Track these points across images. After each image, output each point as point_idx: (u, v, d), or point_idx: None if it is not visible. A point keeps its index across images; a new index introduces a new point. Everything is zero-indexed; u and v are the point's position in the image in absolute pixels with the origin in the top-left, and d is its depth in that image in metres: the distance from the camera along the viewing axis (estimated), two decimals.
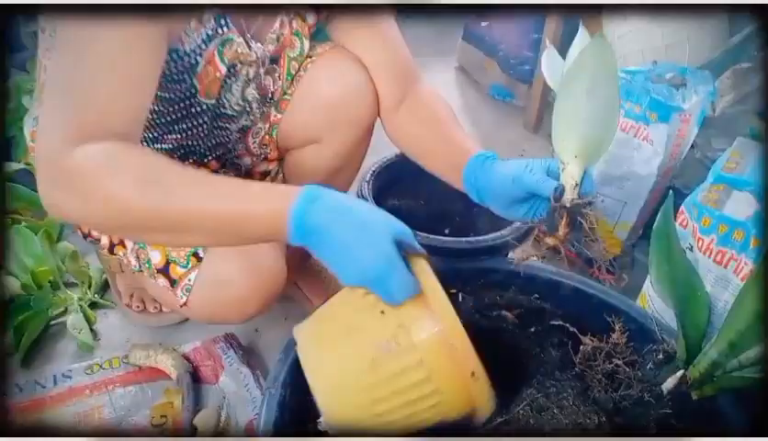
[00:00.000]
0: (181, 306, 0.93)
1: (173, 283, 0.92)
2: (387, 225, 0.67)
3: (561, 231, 0.78)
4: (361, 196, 1.17)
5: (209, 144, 0.96)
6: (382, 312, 0.67)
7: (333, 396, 0.69)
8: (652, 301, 0.97)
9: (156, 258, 0.92)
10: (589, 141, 0.78)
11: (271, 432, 0.76)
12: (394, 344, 0.66)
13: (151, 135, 0.89)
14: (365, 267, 0.65)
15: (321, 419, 0.69)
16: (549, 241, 0.80)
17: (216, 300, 0.91)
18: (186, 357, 1.11)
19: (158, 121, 0.87)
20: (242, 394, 1.06)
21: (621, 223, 1.24)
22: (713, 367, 0.77)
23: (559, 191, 0.77)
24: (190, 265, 0.90)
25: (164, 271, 0.92)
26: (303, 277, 1.24)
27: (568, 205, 0.77)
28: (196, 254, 0.91)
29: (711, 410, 0.81)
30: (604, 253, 0.83)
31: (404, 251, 0.67)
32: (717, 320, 0.87)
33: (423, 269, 0.68)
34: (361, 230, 0.65)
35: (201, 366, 1.10)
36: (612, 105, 0.78)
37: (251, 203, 0.66)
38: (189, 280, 0.90)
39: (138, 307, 1.20)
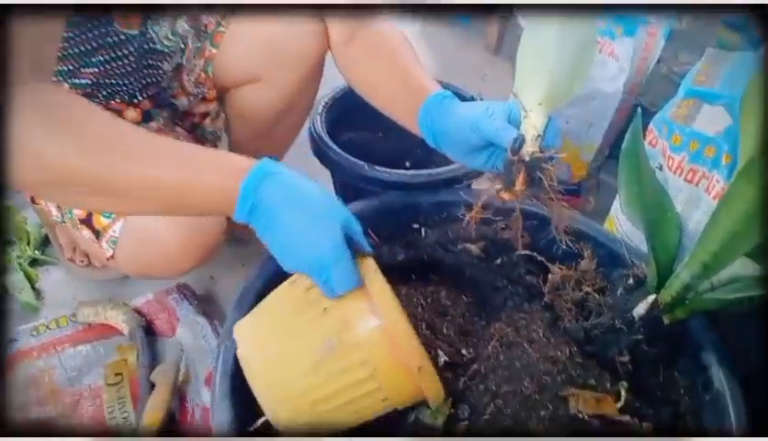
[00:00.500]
0: (108, 259, 0.85)
1: (97, 235, 0.84)
2: (338, 213, 0.62)
3: (518, 187, 0.72)
4: (314, 131, 1.10)
5: (140, 84, 0.87)
6: (325, 310, 0.63)
7: (275, 397, 0.65)
8: (621, 224, 0.94)
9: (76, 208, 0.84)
10: (556, 87, 0.71)
11: (228, 386, 0.72)
12: (337, 341, 0.62)
13: (66, 68, 0.80)
14: (309, 255, 0.60)
15: (258, 421, 0.67)
16: (505, 196, 0.74)
17: (144, 254, 0.85)
18: (138, 311, 1.05)
19: (71, 51, 0.77)
20: (200, 345, 1.01)
21: (587, 145, 1.20)
22: (685, 290, 0.75)
23: (519, 143, 0.70)
24: (114, 216, 0.83)
25: (88, 222, 0.84)
26: None
27: (527, 158, 0.70)
28: None
29: (682, 334, 0.79)
30: (565, 216, 0.78)
31: (354, 248, 0.63)
32: (687, 241, 0.84)
33: (370, 266, 0.64)
34: (311, 214, 0.60)
35: (155, 319, 1.05)
36: (587, 47, 0.71)
37: (198, 174, 0.59)
38: (114, 232, 0.83)
39: (82, 261, 1.13)
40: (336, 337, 0.62)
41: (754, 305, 0.72)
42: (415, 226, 0.90)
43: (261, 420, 0.69)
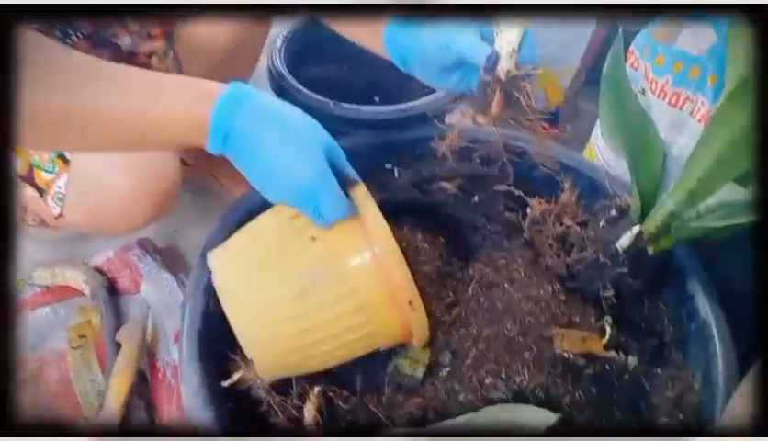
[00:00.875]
0: (56, 218, 0.79)
1: (41, 192, 0.77)
2: (320, 136, 0.58)
3: (495, 109, 0.67)
4: (273, 68, 1.02)
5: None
6: (312, 238, 0.59)
7: (256, 329, 0.61)
8: (601, 153, 0.90)
9: (17, 165, 0.77)
10: None
11: (196, 347, 0.68)
12: (325, 270, 0.58)
13: None
14: (294, 183, 0.56)
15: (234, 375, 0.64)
16: (481, 120, 0.69)
17: (95, 209, 0.79)
18: (99, 270, 0.99)
19: None
20: (166, 301, 0.97)
21: (563, 70, 1.15)
22: (670, 219, 0.71)
23: (493, 60, 0.64)
24: (57, 170, 0.76)
25: (29, 179, 0.77)
26: (219, 166, 1.11)
27: (502, 77, 0.65)
28: (62, 157, 0.76)
29: (667, 264, 0.77)
30: (545, 143, 0.73)
31: (339, 175, 0.59)
32: (671, 168, 0.80)
33: (361, 192, 0.60)
34: (291, 139, 0.56)
35: (118, 277, 0.99)
36: None
37: (163, 103, 0.54)
38: (59, 187, 0.76)
39: (33, 220, 1.06)
40: (325, 266, 0.58)
41: (741, 232, 0.70)
42: (388, 166, 0.85)
43: (236, 375, 0.65)
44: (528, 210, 0.81)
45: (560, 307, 0.68)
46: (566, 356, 0.64)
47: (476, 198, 0.82)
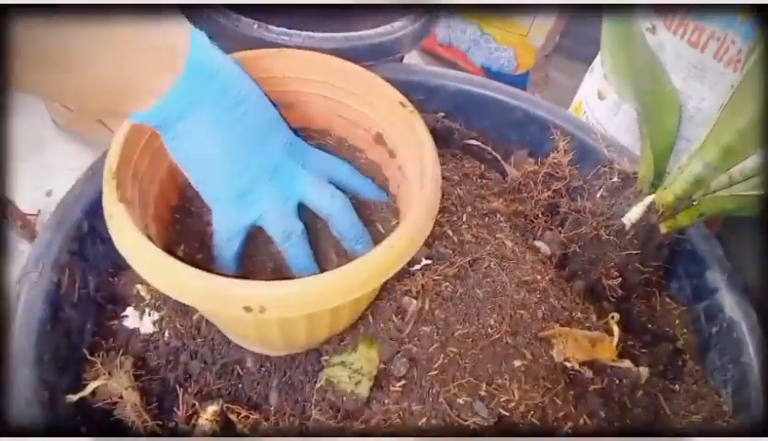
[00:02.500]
0: None
1: None
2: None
3: None
4: None
5: None
6: None
7: None
8: (591, 110, 0.73)
9: None
10: None
11: (32, 341, 0.46)
12: None
13: None
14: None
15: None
16: None
17: None
18: None
19: None
20: None
21: (536, 26, 0.98)
22: (694, 187, 0.55)
23: None
24: None
25: None
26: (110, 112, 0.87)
27: None
28: None
29: (681, 248, 0.60)
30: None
31: None
32: (686, 127, 0.64)
33: None
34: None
35: None
36: None
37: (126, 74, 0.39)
38: None
39: None
40: None
41: None
42: None
43: (93, 384, 0.45)
44: (507, 177, 0.63)
45: (560, 298, 0.49)
46: (568, 365, 0.46)
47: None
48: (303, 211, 0.48)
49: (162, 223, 0.47)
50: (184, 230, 0.49)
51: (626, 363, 0.49)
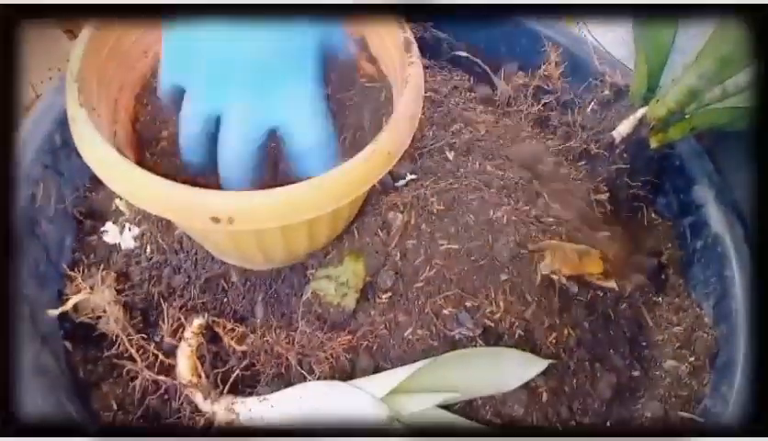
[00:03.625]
0: None
1: None
2: None
3: None
4: None
5: None
6: None
7: None
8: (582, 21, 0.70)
9: None
10: None
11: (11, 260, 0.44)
12: None
13: None
14: None
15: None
16: None
17: None
18: None
19: None
20: None
21: None
22: (688, 98, 0.53)
23: None
24: None
25: None
26: None
27: None
28: None
29: (668, 162, 0.60)
30: None
31: None
32: (681, 38, 0.62)
33: None
34: None
35: None
36: None
37: None
38: None
39: None
40: None
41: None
42: None
43: (75, 299, 0.45)
44: (497, 83, 0.61)
45: (548, 211, 0.49)
46: (555, 278, 0.46)
47: (427, 66, 0.61)
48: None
49: (130, 130, 0.45)
50: (153, 137, 0.47)
51: (612, 282, 0.49)
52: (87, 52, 0.40)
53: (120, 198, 0.51)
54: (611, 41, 0.68)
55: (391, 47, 0.44)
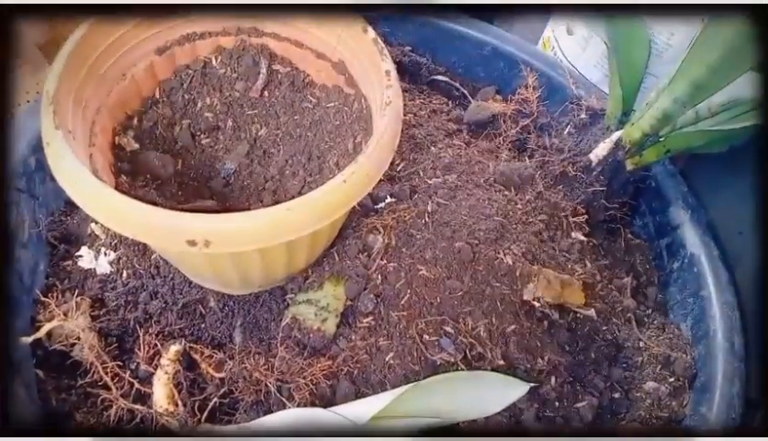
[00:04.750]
0: None
1: None
2: None
3: None
4: None
5: None
6: None
7: None
8: (560, 47, 0.72)
9: None
10: None
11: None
12: None
13: None
14: None
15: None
16: None
17: None
18: None
19: None
20: None
21: None
22: (662, 122, 0.54)
23: None
24: None
25: None
26: None
27: None
28: None
29: (644, 184, 0.60)
30: None
31: None
32: (654, 64, 0.63)
33: None
34: None
35: None
36: None
37: None
38: None
39: None
40: None
41: (746, 142, 0.54)
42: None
43: (48, 326, 0.44)
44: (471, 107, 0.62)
45: (539, 236, 0.49)
46: (536, 305, 0.46)
47: (406, 90, 0.61)
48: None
49: (108, 154, 0.45)
50: (132, 161, 0.46)
51: (591, 311, 0.49)
52: (64, 74, 0.40)
53: (96, 223, 0.50)
54: (585, 65, 0.69)
55: (371, 72, 0.44)
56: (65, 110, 0.39)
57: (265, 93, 0.51)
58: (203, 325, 0.47)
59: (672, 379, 0.50)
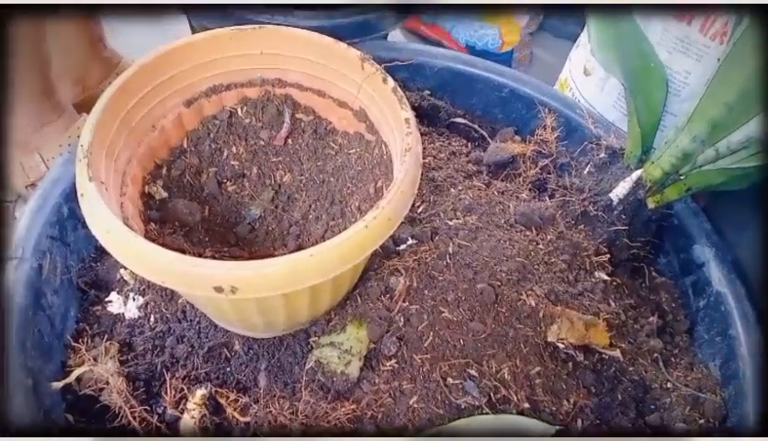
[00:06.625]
0: None
1: None
2: None
3: None
4: None
5: None
6: None
7: None
8: (578, 88, 0.73)
9: None
10: None
11: (18, 327, 0.45)
12: None
13: None
14: None
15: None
16: None
17: None
18: None
19: None
20: None
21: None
22: (682, 161, 0.54)
23: None
24: None
25: None
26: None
27: None
28: None
29: (667, 223, 0.60)
30: None
31: None
32: (671, 102, 0.64)
33: None
34: None
35: None
36: None
37: None
38: None
39: None
40: None
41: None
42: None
43: (78, 371, 0.45)
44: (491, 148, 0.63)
45: (564, 277, 0.49)
46: (561, 346, 0.46)
47: (425, 134, 0.62)
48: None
49: (138, 202, 0.46)
50: (161, 209, 0.48)
51: (617, 352, 0.48)
52: (98, 128, 0.41)
53: (125, 268, 0.52)
54: (603, 104, 0.70)
55: (391, 119, 0.45)
56: (98, 162, 0.41)
57: (289, 141, 0.52)
58: (228, 369, 0.47)
59: (701, 421, 0.49)
